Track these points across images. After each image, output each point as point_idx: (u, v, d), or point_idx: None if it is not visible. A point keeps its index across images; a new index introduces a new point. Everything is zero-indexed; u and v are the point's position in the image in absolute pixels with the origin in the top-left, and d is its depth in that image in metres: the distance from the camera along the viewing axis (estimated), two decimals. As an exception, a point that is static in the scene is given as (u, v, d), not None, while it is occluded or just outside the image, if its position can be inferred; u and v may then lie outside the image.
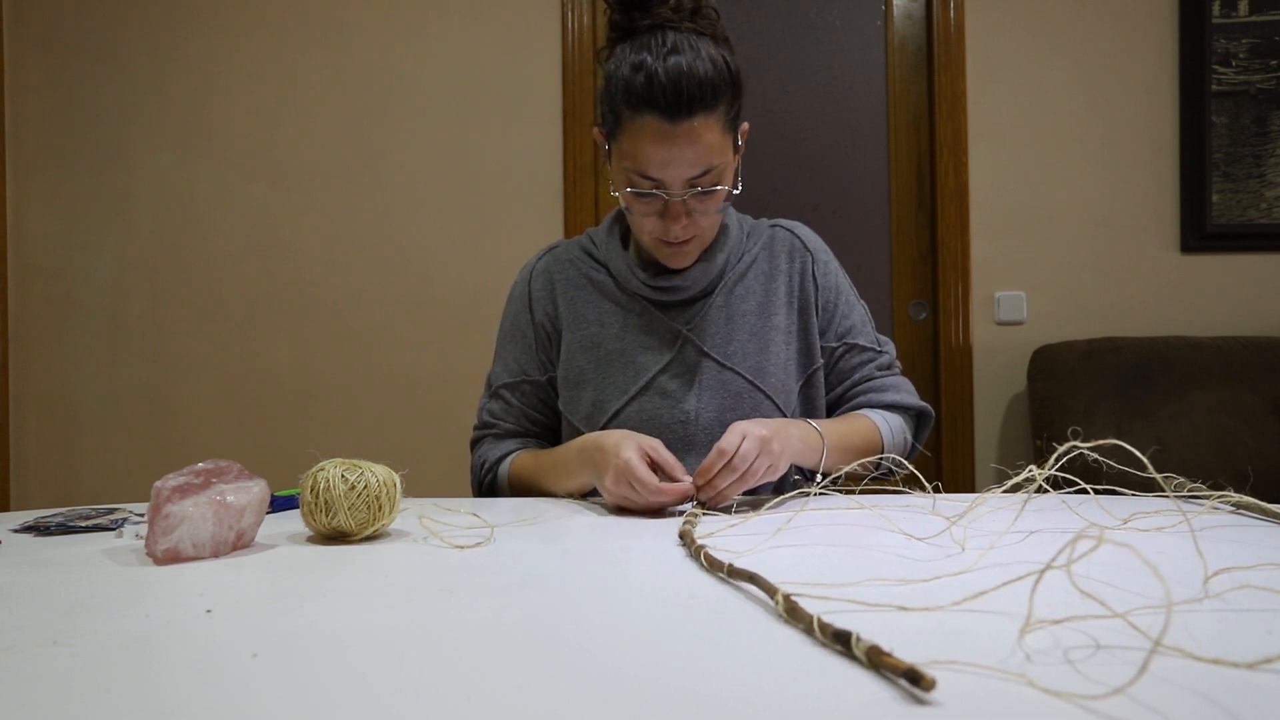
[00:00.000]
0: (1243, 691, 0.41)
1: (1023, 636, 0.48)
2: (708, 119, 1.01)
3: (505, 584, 0.65)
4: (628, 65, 1.02)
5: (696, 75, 1.00)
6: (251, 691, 0.43)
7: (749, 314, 1.17)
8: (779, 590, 0.54)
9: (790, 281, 1.20)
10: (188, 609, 0.58)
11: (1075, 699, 0.40)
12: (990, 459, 2.60)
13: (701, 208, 1.07)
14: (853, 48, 2.71)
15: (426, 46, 2.71)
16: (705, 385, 1.14)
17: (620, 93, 1.03)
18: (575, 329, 1.18)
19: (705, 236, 1.12)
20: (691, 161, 1.02)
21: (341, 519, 0.78)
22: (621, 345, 1.16)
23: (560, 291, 1.20)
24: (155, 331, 2.76)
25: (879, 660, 0.42)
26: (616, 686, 0.43)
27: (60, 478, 2.78)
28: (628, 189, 1.06)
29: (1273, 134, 2.54)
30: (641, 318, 1.17)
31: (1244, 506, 0.86)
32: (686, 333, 1.16)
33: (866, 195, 2.71)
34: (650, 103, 1.00)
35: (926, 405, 1.21)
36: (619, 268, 1.17)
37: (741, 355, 1.15)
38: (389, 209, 2.71)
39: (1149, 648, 0.46)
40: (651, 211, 1.07)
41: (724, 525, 0.85)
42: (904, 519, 0.86)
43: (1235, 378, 2.30)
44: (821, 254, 1.23)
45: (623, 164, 1.05)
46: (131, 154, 2.77)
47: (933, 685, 0.39)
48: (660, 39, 1.02)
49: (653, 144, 1.01)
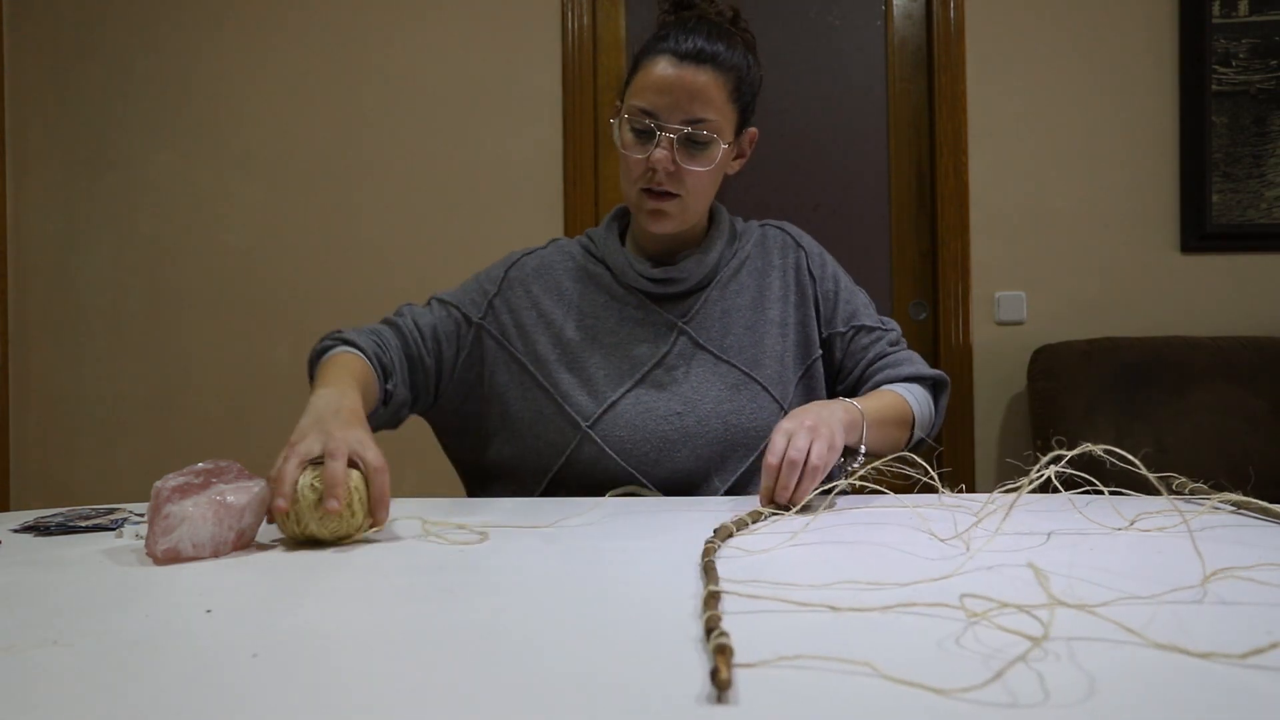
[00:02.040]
0: (1241, 691, 0.41)
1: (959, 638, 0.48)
2: (713, 74, 1.08)
3: (506, 584, 0.65)
4: (660, 31, 1.12)
5: (714, 45, 1.09)
6: (251, 691, 0.43)
7: (744, 308, 1.19)
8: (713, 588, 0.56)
9: (785, 276, 1.22)
10: (188, 609, 0.58)
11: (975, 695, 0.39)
12: (990, 459, 2.60)
13: (689, 161, 1.10)
14: (853, 48, 2.71)
15: (427, 46, 2.71)
16: (701, 377, 1.15)
17: (646, 46, 1.11)
18: (559, 321, 1.19)
19: (686, 204, 1.13)
20: (689, 100, 1.07)
21: (313, 528, 0.77)
22: (618, 338, 1.17)
23: (541, 292, 1.21)
24: (155, 331, 2.76)
25: (717, 657, 0.43)
26: (616, 688, 0.43)
27: (60, 478, 2.78)
28: (628, 129, 1.10)
29: (1273, 134, 2.54)
30: (639, 310, 1.18)
31: (1244, 506, 0.86)
32: (683, 325, 1.17)
33: (866, 195, 2.71)
34: (667, 50, 1.08)
35: (942, 373, 1.23)
36: (617, 262, 1.19)
37: (737, 348, 1.17)
38: (389, 209, 2.71)
39: (1122, 642, 0.46)
40: (643, 153, 1.09)
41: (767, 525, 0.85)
42: (925, 519, 0.86)
43: (1235, 378, 2.30)
44: (814, 248, 1.26)
45: (629, 103, 1.10)
46: (131, 154, 2.77)
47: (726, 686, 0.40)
48: (696, 21, 1.12)
49: (659, 80, 1.08)
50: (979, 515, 0.81)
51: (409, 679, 0.45)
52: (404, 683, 0.44)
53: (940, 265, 2.61)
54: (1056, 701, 0.39)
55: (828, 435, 0.95)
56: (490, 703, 0.41)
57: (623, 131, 1.12)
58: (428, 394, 1.19)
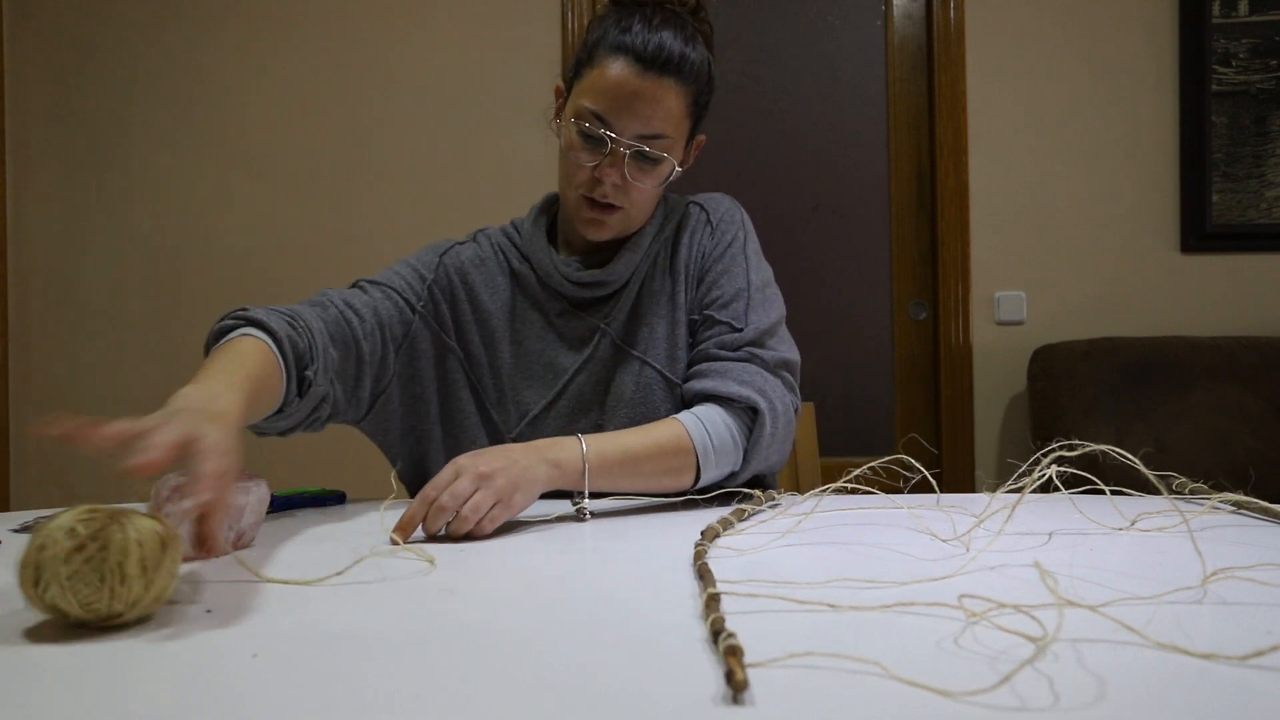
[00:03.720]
0: (1239, 690, 0.41)
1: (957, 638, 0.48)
2: (676, 87, 1.01)
3: (507, 584, 0.65)
4: (621, 23, 1.02)
5: (679, 48, 1.01)
6: (251, 691, 0.43)
7: (661, 299, 1.11)
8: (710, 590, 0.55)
9: (689, 255, 1.13)
10: (188, 609, 0.58)
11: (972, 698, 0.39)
12: (990, 459, 2.60)
13: (639, 177, 1.03)
14: (853, 48, 2.71)
15: (427, 47, 2.71)
16: (618, 382, 1.09)
17: (601, 35, 1.02)
18: (493, 320, 1.12)
19: (629, 216, 1.07)
20: (648, 118, 1.01)
21: (55, 593, 0.51)
22: (541, 345, 1.12)
23: (478, 285, 1.13)
24: (155, 331, 2.76)
25: (727, 659, 0.43)
26: (628, 693, 0.43)
27: (60, 478, 2.78)
28: (575, 131, 1.03)
29: (1273, 134, 2.54)
30: (560, 317, 1.12)
31: (1244, 506, 0.86)
32: (604, 327, 1.11)
33: (866, 195, 2.71)
34: (628, 50, 1.00)
35: (752, 396, 1.00)
36: (542, 263, 1.12)
37: (651, 343, 1.10)
38: (388, 208, 2.71)
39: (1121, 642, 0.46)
40: (591, 160, 1.03)
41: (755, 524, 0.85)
42: (918, 519, 0.86)
43: (1235, 378, 2.30)
44: (722, 223, 1.13)
45: (580, 102, 1.02)
46: (131, 154, 2.77)
47: (743, 687, 0.40)
48: (665, 17, 1.02)
49: (618, 86, 1.00)
50: (980, 516, 0.81)
51: (410, 679, 0.45)
52: (405, 683, 0.44)
53: (940, 265, 2.61)
54: (1066, 704, 0.39)
55: (502, 489, 0.82)
56: (492, 703, 0.41)
57: (568, 130, 1.04)
58: (362, 391, 1.04)
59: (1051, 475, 0.77)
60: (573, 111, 1.04)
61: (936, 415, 2.66)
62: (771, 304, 1.10)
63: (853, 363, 2.72)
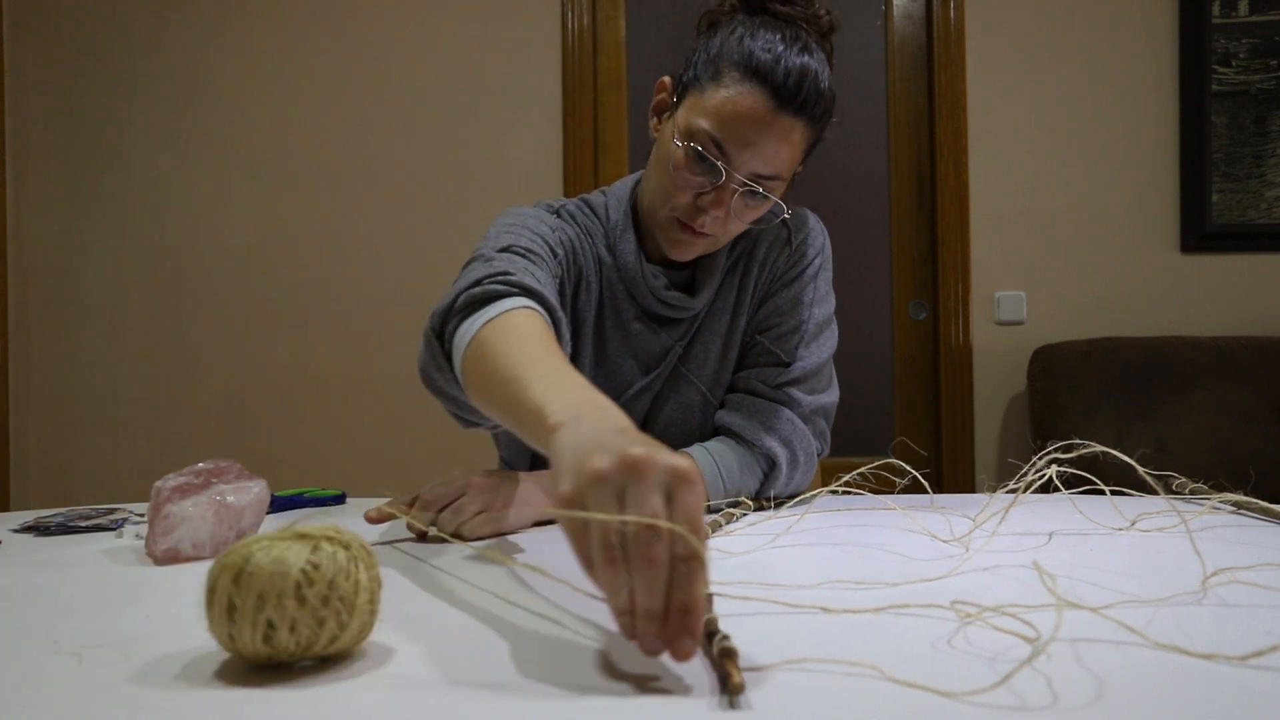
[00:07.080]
0: (1239, 690, 0.41)
1: (950, 639, 0.48)
2: (804, 128, 0.94)
3: (509, 585, 0.65)
4: (756, 37, 0.92)
5: (819, 86, 0.93)
6: (251, 691, 0.43)
7: (722, 319, 1.08)
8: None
9: (760, 275, 1.08)
10: (188, 609, 0.58)
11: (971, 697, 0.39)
12: (990, 459, 2.60)
13: (742, 214, 0.97)
14: (853, 48, 2.71)
15: (427, 47, 2.71)
16: (663, 398, 1.06)
17: (736, 54, 0.92)
18: (584, 313, 1.05)
19: (717, 242, 1.02)
20: (770, 158, 0.93)
21: (283, 636, 0.43)
22: (619, 358, 1.07)
23: (579, 274, 1.04)
24: (155, 331, 2.76)
25: (723, 661, 0.43)
26: (623, 695, 0.43)
27: (60, 478, 2.78)
28: (690, 146, 0.93)
29: (1273, 134, 2.54)
30: (639, 322, 1.06)
31: (1244, 506, 0.86)
32: (677, 346, 1.07)
33: (866, 195, 2.71)
34: (766, 78, 0.90)
35: (774, 449, 1.00)
36: (630, 267, 1.03)
37: (704, 362, 1.07)
38: (389, 209, 2.71)
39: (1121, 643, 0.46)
40: (697, 185, 0.94)
41: (745, 525, 0.85)
42: (915, 520, 0.86)
43: (1235, 378, 2.30)
44: (802, 246, 1.09)
45: (697, 119, 0.92)
46: (131, 154, 2.77)
47: (740, 690, 0.40)
48: (798, 36, 0.94)
49: (747, 119, 0.91)
50: (977, 517, 0.81)
51: (410, 679, 0.45)
52: (405, 683, 0.44)
53: (940, 265, 2.62)
54: (1065, 705, 0.39)
55: (488, 502, 0.82)
56: (492, 703, 0.41)
57: (678, 147, 0.94)
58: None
59: (1052, 475, 0.77)
60: (686, 129, 0.93)
61: (936, 415, 2.66)
62: (825, 342, 1.07)
63: (852, 363, 2.72)
